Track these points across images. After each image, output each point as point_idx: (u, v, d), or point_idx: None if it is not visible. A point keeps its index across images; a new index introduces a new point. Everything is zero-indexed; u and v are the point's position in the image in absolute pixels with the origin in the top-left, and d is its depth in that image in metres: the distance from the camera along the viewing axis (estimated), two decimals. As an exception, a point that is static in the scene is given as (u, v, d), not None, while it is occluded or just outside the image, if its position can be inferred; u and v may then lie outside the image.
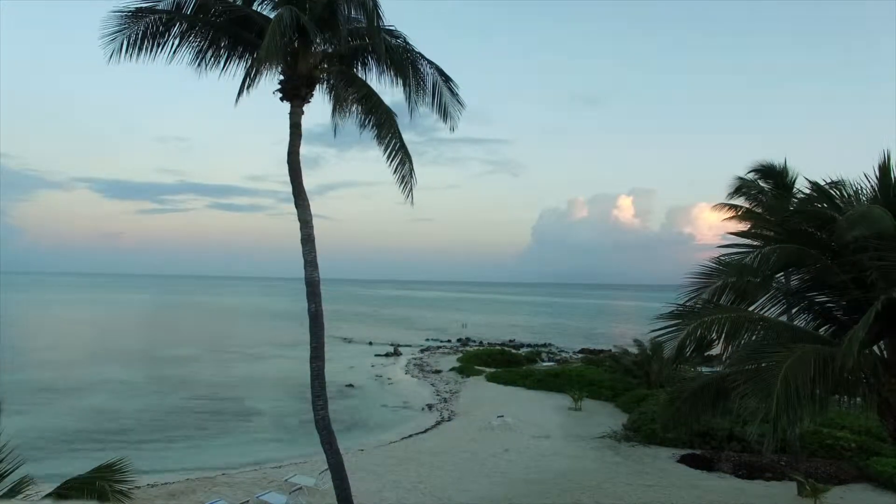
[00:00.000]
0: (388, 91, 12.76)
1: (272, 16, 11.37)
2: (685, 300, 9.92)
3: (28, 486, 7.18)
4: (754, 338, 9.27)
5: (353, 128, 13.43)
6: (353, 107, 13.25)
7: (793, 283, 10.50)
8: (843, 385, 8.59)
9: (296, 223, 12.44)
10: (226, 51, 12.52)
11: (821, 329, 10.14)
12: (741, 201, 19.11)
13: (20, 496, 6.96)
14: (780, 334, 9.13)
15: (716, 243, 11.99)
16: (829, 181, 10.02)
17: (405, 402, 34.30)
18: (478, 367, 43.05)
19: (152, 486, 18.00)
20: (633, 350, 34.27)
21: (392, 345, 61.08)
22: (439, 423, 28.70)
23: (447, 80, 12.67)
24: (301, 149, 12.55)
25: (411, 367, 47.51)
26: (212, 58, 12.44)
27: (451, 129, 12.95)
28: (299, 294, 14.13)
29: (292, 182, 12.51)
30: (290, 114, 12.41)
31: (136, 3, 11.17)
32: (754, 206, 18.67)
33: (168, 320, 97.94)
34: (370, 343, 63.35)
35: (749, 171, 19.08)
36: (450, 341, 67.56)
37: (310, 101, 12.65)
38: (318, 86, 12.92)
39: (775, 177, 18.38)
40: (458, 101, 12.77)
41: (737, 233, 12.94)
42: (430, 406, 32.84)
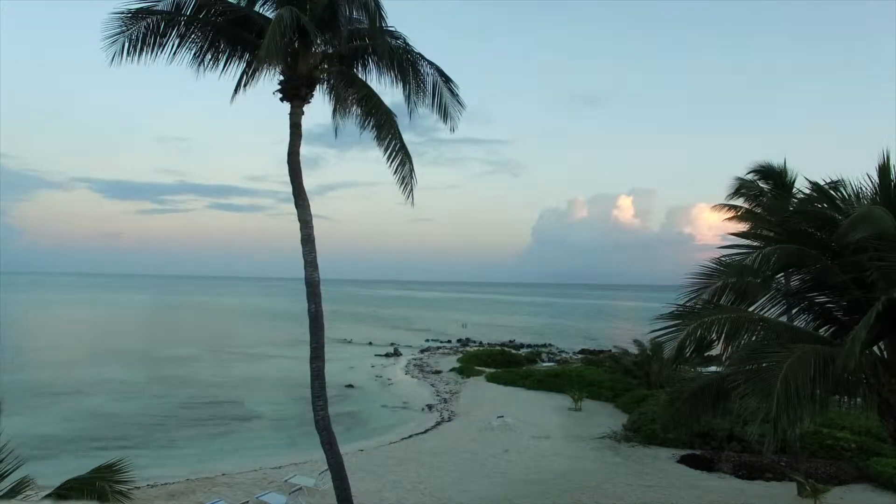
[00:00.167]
0: (388, 91, 12.78)
1: (272, 16, 11.37)
2: (685, 300, 9.91)
3: (28, 486, 7.18)
4: (754, 338, 9.27)
5: (353, 128, 13.44)
6: (354, 107, 13.25)
7: (793, 284, 10.50)
8: (844, 385, 8.59)
9: (296, 223, 12.45)
10: (226, 51, 12.54)
11: (821, 329, 10.14)
12: (741, 202, 19.13)
13: (20, 496, 6.96)
14: (780, 335, 9.13)
15: (716, 244, 12.01)
16: (828, 181, 10.02)
17: (405, 403, 34.29)
18: (478, 368, 43.05)
19: (152, 487, 18.00)
20: (633, 350, 34.28)
21: (392, 345, 61.10)
22: (439, 423, 28.70)
23: (447, 80, 12.69)
24: (301, 149, 12.57)
25: (411, 367, 47.50)
26: (212, 58, 12.46)
27: (452, 129, 12.98)
28: (299, 294, 14.12)
29: (292, 182, 12.51)
30: (290, 114, 12.43)
31: (136, 4, 11.19)
32: (754, 207, 18.68)
33: (168, 320, 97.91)
34: (370, 343, 63.33)
35: (749, 172, 19.11)
36: (450, 342, 67.53)
37: (310, 102, 12.67)
38: (318, 86, 12.93)
39: (775, 177, 18.41)
40: (458, 101, 12.79)
41: (737, 233, 12.92)
42: (430, 406, 32.83)
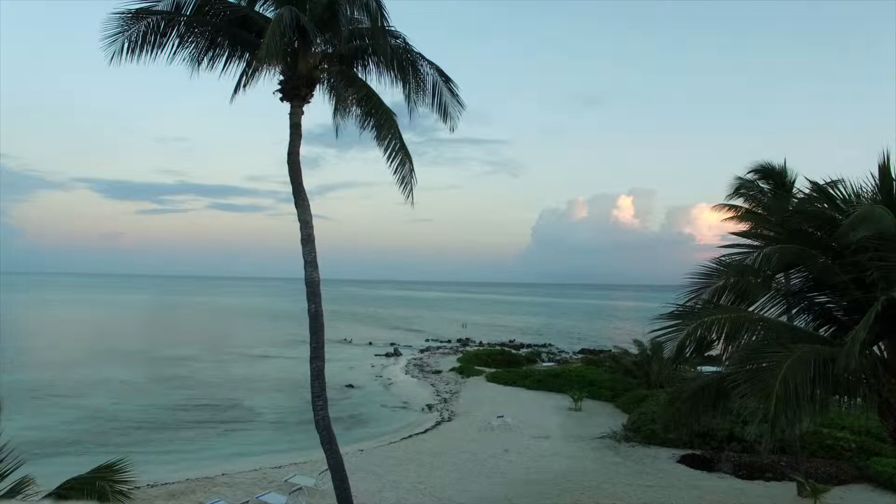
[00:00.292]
0: (388, 91, 12.76)
1: (272, 16, 11.37)
2: (685, 300, 9.91)
3: (28, 486, 7.17)
4: (754, 338, 9.26)
5: (353, 128, 13.43)
6: (354, 107, 13.23)
7: (793, 284, 10.49)
8: (844, 385, 8.58)
9: (296, 223, 12.44)
10: (226, 51, 12.53)
11: (821, 329, 10.14)
12: (741, 202, 19.12)
13: (20, 496, 6.96)
14: (780, 335, 9.12)
15: (716, 244, 12.03)
16: (828, 181, 10.02)
17: (405, 403, 34.29)
18: (478, 368, 43.05)
19: (152, 486, 17.99)
20: (633, 350, 34.27)
21: (392, 345, 61.11)
22: (439, 423, 28.69)
23: (447, 80, 12.68)
24: (301, 149, 12.56)
25: (411, 367, 47.51)
26: (212, 58, 12.45)
27: (451, 129, 12.96)
28: (299, 294, 14.12)
29: (292, 182, 12.51)
30: (290, 114, 12.42)
31: (136, 4, 11.18)
32: (754, 207, 18.67)
33: (168, 320, 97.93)
34: (370, 343, 63.35)
35: (749, 172, 19.09)
36: (450, 341, 67.54)
37: (310, 102, 12.66)
38: (318, 86, 12.91)
39: (775, 177, 18.41)
40: (458, 101, 12.78)
41: (737, 233, 12.94)
42: (429, 406, 32.82)
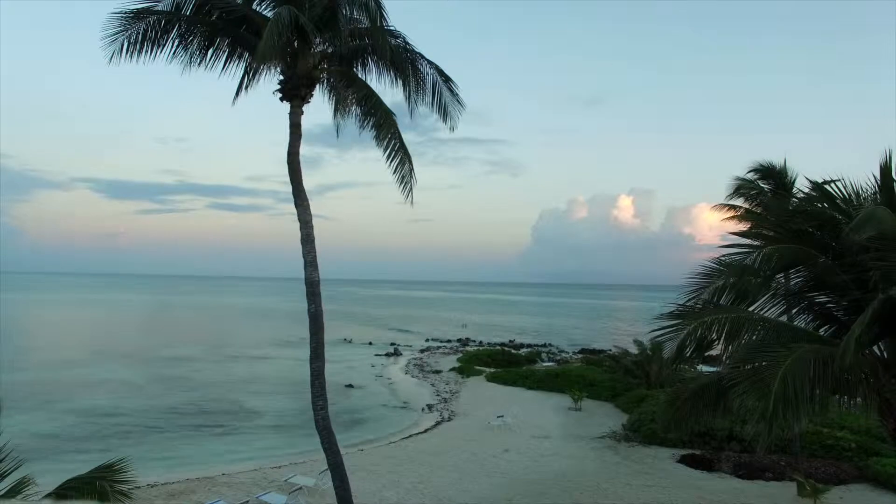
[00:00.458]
0: (388, 91, 12.75)
1: (271, 15, 11.37)
2: (685, 300, 9.90)
3: (28, 486, 7.17)
4: (754, 338, 9.25)
5: (353, 128, 13.43)
6: (353, 107, 13.24)
7: (793, 284, 10.48)
8: (843, 385, 8.56)
9: (295, 223, 12.44)
10: (225, 51, 12.53)
11: (821, 329, 10.12)
12: (741, 202, 19.15)
13: (20, 496, 6.96)
14: (779, 334, 9.11)
15: (716, 243, 12.00)
16: (828, 181, 10.01)
17: (405, 403, 34.32)
18: (478, 368, 43.09)
19: (152, 486, 18.00)
20: (633, 350, 34.28)
21: (392, 345, 61.12)
22: (439, 423, 28.72)
23: (447, 80, 12.67)
24: (301, 149, 12.56)
25: (411, 367, 47.54)
26: (212, 58, 12.44)
27: (451, 129, 12.95)
28: (299, 294, 14.12)
29: (292, 182, 12.50)
30: (290, 114, 12.41)
31: (136, 4, 11.19)
32: (754, 207, 18.70)
33: (168, 320, 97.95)
34: (370, 343, 63.36)
35: (748, 172, 19.13)
36: (450, 341, 67.59)
37: (309, 102, 12.65)
38: (317, 86, 12.91)
39: (775, 177, 18.45)
40: (457, 101, 12.76)
41: (737, 233, 12.93)
42: (430, 406, 32.84)
